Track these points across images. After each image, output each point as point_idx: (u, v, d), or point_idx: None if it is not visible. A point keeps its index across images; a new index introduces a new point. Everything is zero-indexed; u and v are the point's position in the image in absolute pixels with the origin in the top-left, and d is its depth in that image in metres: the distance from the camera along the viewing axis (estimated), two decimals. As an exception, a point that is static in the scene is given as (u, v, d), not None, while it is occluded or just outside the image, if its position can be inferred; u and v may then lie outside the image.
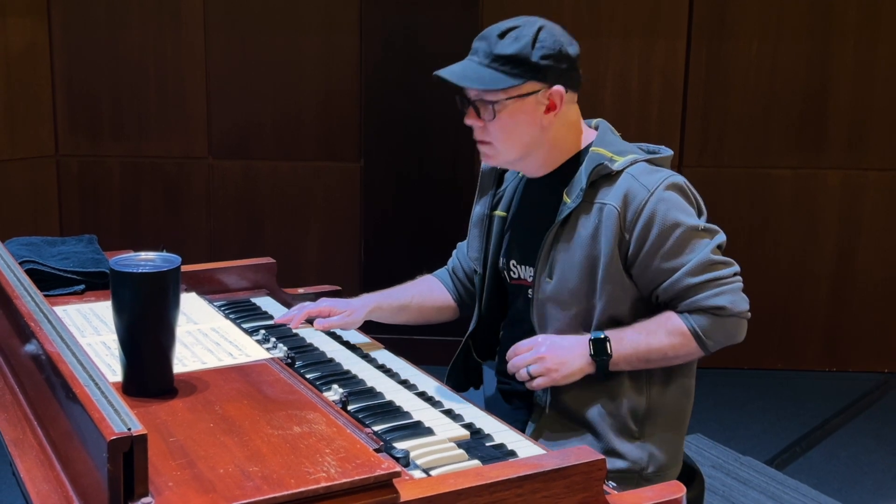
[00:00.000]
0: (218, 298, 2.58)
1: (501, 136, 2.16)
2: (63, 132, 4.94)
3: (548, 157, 2.21)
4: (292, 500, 1.38)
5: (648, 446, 2.15)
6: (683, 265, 2.08)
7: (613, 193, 2.10)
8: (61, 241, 2.65)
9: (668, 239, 2.08)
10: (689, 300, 2.09)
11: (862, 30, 4.71)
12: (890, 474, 3.99)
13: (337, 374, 2.08)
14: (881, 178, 4.83)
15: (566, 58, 2.14)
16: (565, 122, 2.19)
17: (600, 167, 2.11)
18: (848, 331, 4.95)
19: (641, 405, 2.15)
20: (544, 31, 2.12)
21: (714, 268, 2.09)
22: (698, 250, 2.09)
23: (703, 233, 2.10)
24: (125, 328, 1.72)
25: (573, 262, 2.13)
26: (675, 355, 2.11)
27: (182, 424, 1.61)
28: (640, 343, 2.10)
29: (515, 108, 2.13)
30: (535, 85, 2.12)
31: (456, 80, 2.16)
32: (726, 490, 3.77)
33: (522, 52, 2.10)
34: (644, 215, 2.07)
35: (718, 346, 2.12)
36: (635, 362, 2.11)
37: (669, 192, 2.09)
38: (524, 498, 1.54)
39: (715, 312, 2.08)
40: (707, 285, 2.08)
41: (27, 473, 1.60)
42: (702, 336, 2.09)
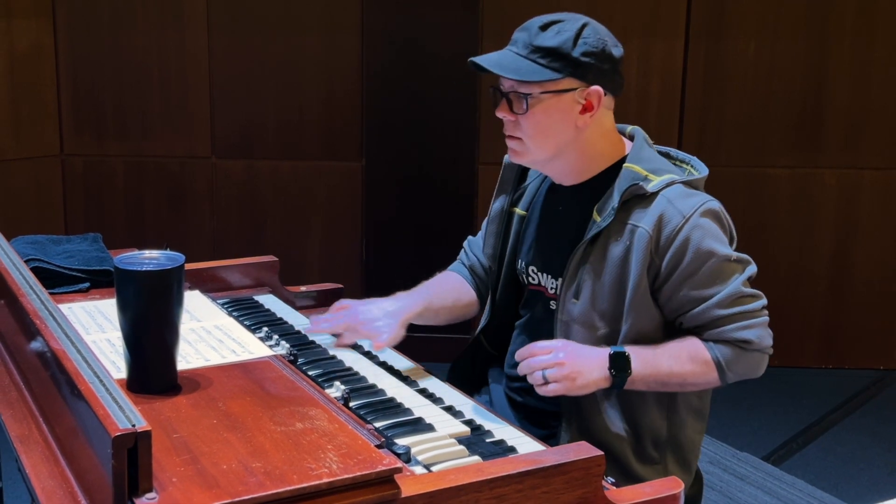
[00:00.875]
0: (221, 296, 2.58)
1: (532, 132, 2.05)
2: (68, 132, 4.94)
3: (578, 162, 2.11)
4: (295, 496, 1.38)
5: (668, 470, 2.11)
6: (713, 296, 2.01)
7: (647, 216, 2.00)
8: (66, 239, 2.65)
9: (700, 268, 2.00)
10: (715, 330, 2.03)
11: (859, 30, 4.71)
12: (886, 470, 3.99)
13: (339, 371, 2.07)
14: (877, 177, 4.83)
15: (609, 58, 2.04)
16: (600, 127, 2.10)
17: (634, 187, 2.01)
18: (845, 328, 4.95)
19: (663, 432, 2.11)
20: (589, 28, 2.03)
21: (743, 301, 2.03)
22: (729, 282, 2.02)
23: (734, 264, 2.03)
24: (129, 326, 1.72)
25: (602, 285, 2.05)
26: (693, 382, 2.05)
27: (185, 421, 1.61)
28: (661, 365, 2.01)
29: (550, 104, 2.03)
30: (574, 82, 2.02)
31: (492, 67, 2.03)
32: (724, 485, 3.77)
33: (564, 46, 2.00)
34: (677, 241, 1.99)
35: (737, 379, 2.07)
36: (652, 383, 2.03)
37: (705, 220, 2.01)
38: (524, 493, 1.54)
39: (740, 346, 2.03)
40: (735, 318, 2.02)
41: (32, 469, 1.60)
42: (724, 367, 2.03)
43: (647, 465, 2.10)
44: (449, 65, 4.72)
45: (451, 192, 4.86)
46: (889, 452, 4.15)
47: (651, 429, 2.10)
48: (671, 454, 2.13)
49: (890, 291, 4.91)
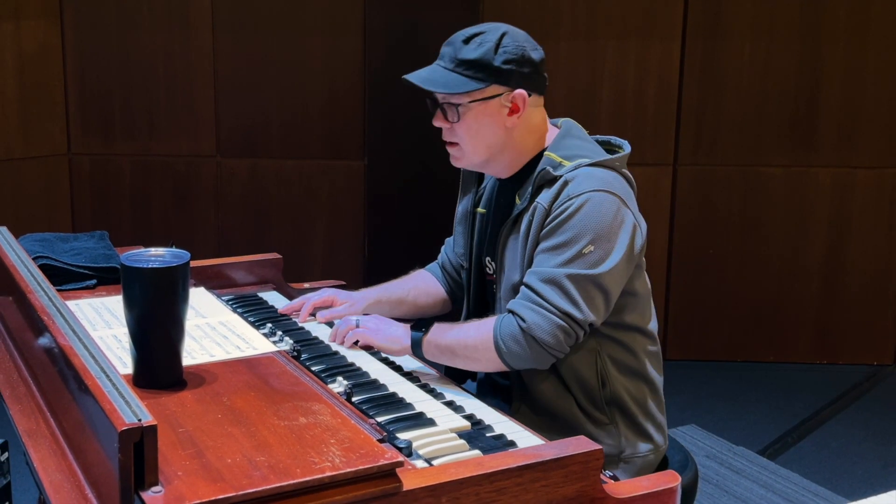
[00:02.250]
0: (226, 293, 2.58)
1: (467, 137, 2.18)
2: (75, 131, 4.94)
3: (512, 159, 2.23)
4: (298, 489, 1.38)
5: (621, 432, 2.17)
6: (542, 266, 2.07)
7: (548, 195, 2.11)
8: (73, 237, 2.65)
9: (553, 238, 2.07)
10: (517, 298, 2.09)
11: (852, 31, 4.70)
12: (879, 464, 3.99)
13: (341, 367, 2.07)
14: (870, 175, 4.82)
15: (529, 62, 2.15)
16: (529, 125, 2.20)
17: (544, 172, 2.13)
18: (838, 324, 4.95)
19: (602, 395, 2.16)
20: (507, 37, 2.15)
21: (554, 288, 2.04)
22: (561, 266, 2.05)
23: (581, 257, 2.05)
24: (136, 322, 1.72)
25: (514, 258, 2.18)
26: (476, 353, 2.10)
27: (191, 415, 1.61)
28: (450, 332, 2.14)
29: (479, 111, 2.15)
30: (498, 88, 2.14)
31: (422, 83, 2.17)
32: (720, 479, 3.77)
33: (485, 57, 2.12)
34: (555, 212, 2.08)
35: (514, 362, 2.08)
36: (444, 350, 2.13)
37: (591, 204, 2.06)
38: (524, 487, 1.54)
39: (518, 323, 2.05)
40: (534, 296, 2.05)
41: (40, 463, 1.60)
42: (498, 337, 2.06)
43: (598, 426, 2.16)
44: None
45: (452, 190, 4.85)
46: (882, 446, 4.15)
47: (584, 387, 2.15)
48: (619, 415, 2.18)
49: (882, 288, 4.91)
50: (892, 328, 4.95)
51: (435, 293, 2.55)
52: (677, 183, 4.86)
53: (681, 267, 4.95)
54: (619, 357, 2.18)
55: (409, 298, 2.52)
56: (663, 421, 2.28)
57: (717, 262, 4.93)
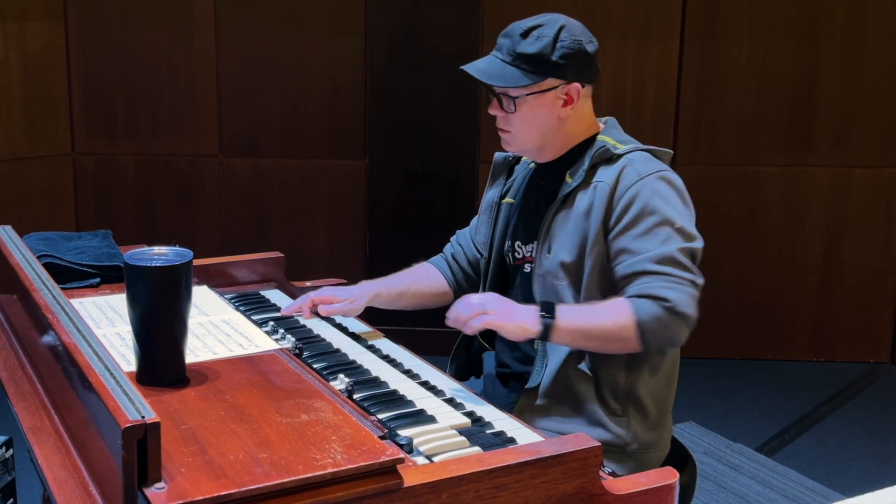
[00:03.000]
0: (228, 291, 2.58)
1: (521, 126, 2.21)
2: (79, 131, 4.94)
3: (560, 145, 2.26)
4: (300, 486, 1.38)
5: (631, 424, 2.16)
6: (648, 251, 2.07)
7: (610, 173, 2.14)
8: (77, 236, 2.65)
9: (642, 221, 2.09)
10: (640, 284, 2.06)
11: (848, 33, 4.70)
12: (875, 460, 3.99)
13: (343, 364, 2.07)
14: (866, 175, 4.82)
15: (584, 55, 2.19)
16: (581, 114, 2.25)
17: (603, 150, 2.17)
18: (835, 322, 4.95)
19: (622, 385, 2.16)
20: (565, 31, 2.18)
21: (675, 265, 2.06)
22: (667, 244, 2.07)
23: (677, 231, 2.09)
24: (139, 320, 1.72)
25: (566, 236, 2.17)
26: (614, 339, 2.06)
27: (194, 412, 1.61)
28: (585, 317, 2.07)
29: (535, 103, 2.19)
30: (555, 81, 2.18)
31: (481, 77, 2.19)
32: (717, 476, 3.77)
33: (543, 52, 2.15)
34: (629, 194, 2.10)
35: (656, 343, 2.06)
36: (578, 336, 2.07)
37: (660, 183, 2.12)
38: (523, 483, 1.54)
39: (660, 303, 2.03)
40: (661, 275, 2.05)
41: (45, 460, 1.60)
42: (642, 325, 2.03)
43: (610, 415, 2.16)
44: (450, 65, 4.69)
45: (453, 189, 4.86)
46: (878, 443, 4.14)
47: (611, 380, 2.15)
48: (633, 409, 2.17)
49: (879, 286, 4.91)
50: (888, 326, 4.95)
51: (437, 286, 2.55)
52: (676, 182, 4.85)
53: (679, 265, 4.94)
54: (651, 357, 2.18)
55: (411, 291, 2.52)
56: (670, 422, 2.28)
57: (714, 260, 4.92)
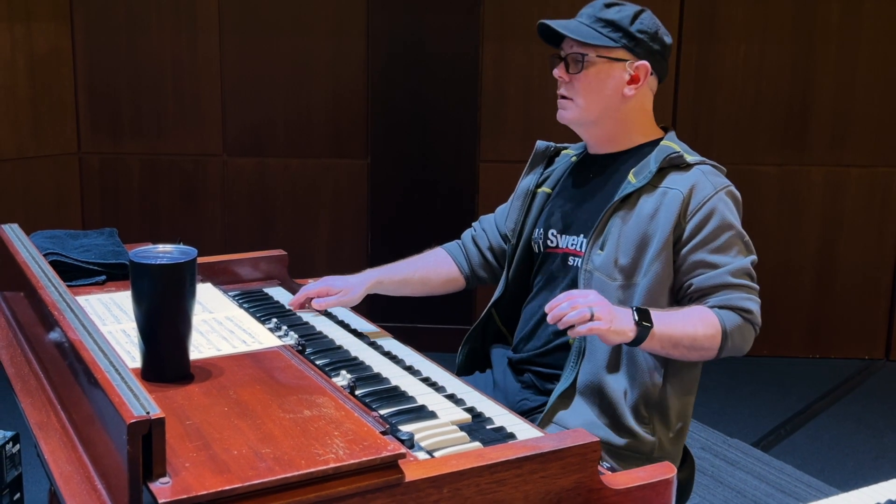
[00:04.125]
0: (232, 288, 2.57)
1: (584, 91, 2.19)
2: (85, 131, 4.94)
3: (616, 131, 2.24)
4: (303, 481, 1.38)
5: (657, 431, 2.15)
6: (727, 264, 2.10)
7: (682, 181, 2.13)
8: (83, 234, 2.64)
9: (720, 236, 2.11)
10: (723, 296, 2.09)
11: (844, 33, 4.70)
12: (870, 455, 3.99)
13: (345, 361, 2.07)
14: (862, 174, 4.82)
15: (660, 41, 2.20)
16: (642, 102, 2.25)
17: (675, 156, 2.16)
18: (830, 319, 4.95)
19: (654, 395, 2.14)
20: (646, 13, 2.20)
21: (749, 278, 2.13)
22: (741, 258, 2.12)
23: (745, 245, 2.15)
24: (144, 317, 1.71)
25: (626, 237, 2.13)
26: (700, 346, 2.05)
27: (198, 408, 1.61)
28: (676, 324, 2.03)
29: (602, 69, 2.17)
30: (626, 54, 2.17)
31: (558, 27, 2.19)
32: (715, 470, 3.77)
33: (623, 21, 2.16)
34: (705, 208, 2.10)
35: (732, 351, 2.10)
36: (667, 343, 2.02)
37: (730, 199, 2.16)
38: (523, 478, 1.54)
39: (743, 314, 2.09)
40: (742, 288, 2.10)
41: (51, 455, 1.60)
42: (727, 332, 2.06)
43: (639, 422, 2.14)
44: (451, 66, 4.72)
45: (453, 189, 4.86)
46: (873, 439, 4.14)
47: (645, 389, 2.14)
48: (658, 417, 2.17)
49: (873, 284, 4.91)
50: (883, 323, 4.94)
51: (446, 272, 2.51)
52: (673, 181, 4.85)
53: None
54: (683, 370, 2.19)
55: (416, 277, 2.49)
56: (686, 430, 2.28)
57: (712, 258, 4.92)
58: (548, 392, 2.22)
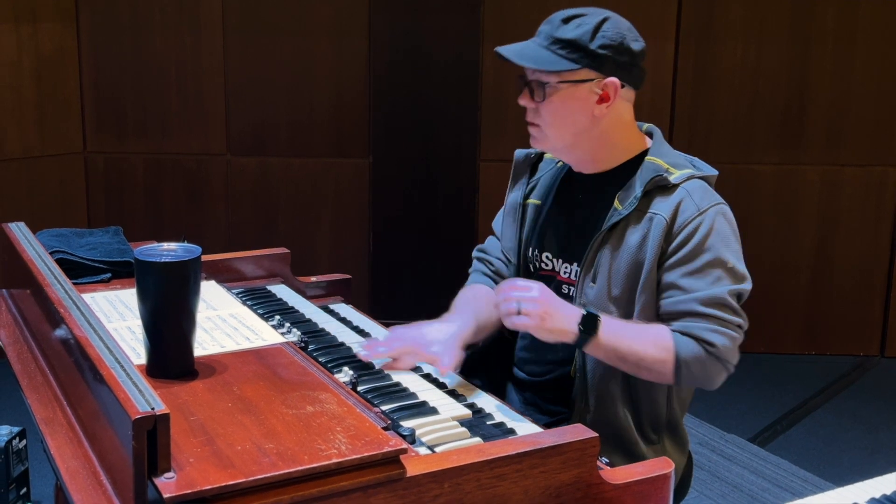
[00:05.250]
0: (236, 286, 2.57)
1: (551, 119, 2.03)
2: (90, 130, 4.94)
3: (597, 152, 2.09)
4: (306, 476, 1.38)
5: (667, 450, 2.12)
6: (698, 290, 1.96)
7: (666, 205, 1.99)
8: (89, 232, 2.64)
9: (697, 258, 1.97)
10: (687, 323, 1.97)
11: (840, 34, 4.70)
12: (865, 451, 3.99)
13: (347, 357, 2.07)
14: (857, 173, 4.82)
15: (627, 51, 2.01)
16: (618, 118, 2.07)
17: (658, 178, 2.01)
18: (826, 317, 4.95)
19: (663, 417, 2.10)
20: (609, 23, 2.00)
21: (723, 309, 1.96)
22: (718, 285, 1.96)
23: (729, 271, 1.98)
24: (149, 314, 1.71)
25: (617, 269, 2.03)
26: (648, 367, 1.97)
27: (202, 404, 1.61)
28: (624, 338, 1.95)
29: (568, 94, 2.01)
30: (591, 73, 2.00)
31: (512, 57, 2.02)
32: (712, 465, 3.77)
33: (582, 39, 1.98)
34: (688, 229, 1.98)
35: (691, 381, 1.99)
36: (611, 353, 1.96)
37: (719, 219, 2.00)
38: (523, 473, 1.54)
39: (704, 346, 1.95)
40: (709, 319, 1.95)
41: (57, 450, 1.60)
42: (681, 361, 1.95)
43: (648, 444, 2.10)
44: (452, 67, 4.72)
45: (454, 188, 4.86)
46: (868, 434, 4.14)
47: (652, 415, 2.09)
48: (668, 435, 2.13)
49: (869, 282, 4.90)
50: (878, 320, 4.94)
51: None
52: (671, 180, 4.85)
53: (674, 261, 4.94)
54: None
55: (496, 320, 2.13)
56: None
57: (709, 256, 4.92)
58: (550, 413, 2.16)
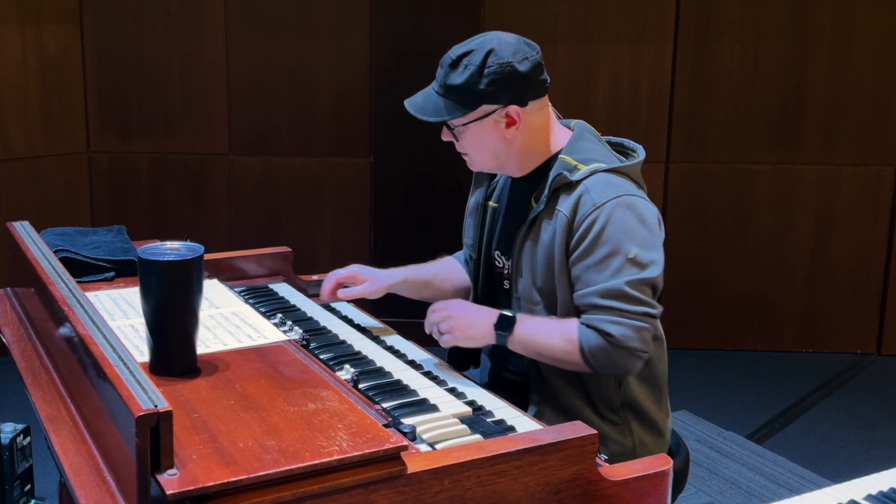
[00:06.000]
0: (238, 285, 2.57)
1: (471, 150, 2.18)
2: (94, 130, 4.94)
3: (523, 161, 2.19)
4: (307, 472, 1.38)
5: (633, 430, 2.15)
6: (597, 283, 2.01)
7: (568, 203, 2.06)
8: (93, 231, 2.64)
9: (594, 252, 2.02)
10: (587, 316, 2.03)
11: (836, 35, 4.70)
12: (862, 448, 3.99)
13: (349, 355, 2.07)
14: (854, 173, 4.82)
15: (515, 76, 2.07)
16: (531, 130, 2.14)
17: (560, 177, 2.08)
18: (823, 315, 4.95)
19: (615, 398, 2.14)
20: (492, 56, 2.06)
21: (623, 299, 2.00)
22: (617, 277, 2.00)
23: (630, 262, 2.01)
24: (152, 312, 1.71)
25: (538, 263, 2.12)
26: (561, 359, 2.06)
27: (205, 402, 1.61)
28: (537, 335, 2.07)
29: (476, 129, 2.13)
30: (489, 107, 2.09)
31: (416, 113, 2.16)
32: (710, 462, 3.77)
33: (470, 82, 2.07)
34: (584, 225, 2.03)
35: (605, 369, 2.05)
36: (530, 351, 2.10)
37: (617, 210, 2.03)
38: (523, 470, 1.54)
39: (605, 337, 2.00)
40: (608, 311, 2.00)
41: (61, 447, 1.60)
42: (586, 352, 2.02)
43: (609, 424, 2.14)
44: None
45: (454, 187, 4.85)
46: (865, 431, 4.14)
47: (603, 396, 2.14)
48: (632, 415, 2.16)
49: (865, 280, 4.90)
50: (874, 318, 4.94)
51: (460, 280, 2.48)
52: (669, 180, 4.85)
53: (673, 260, 4.92)
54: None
55: (436, 282, 2.45)
56: (667, 415, 2.26)
57: (707, 255, 4.93)
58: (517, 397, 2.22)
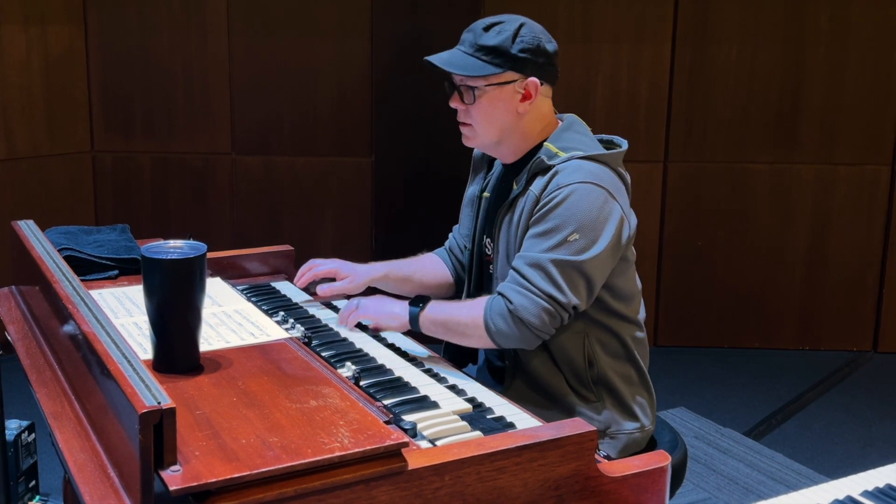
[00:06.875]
0: (241, 283, 2.57)
1: (480, 118, 2.19)
2: (98, 130, 4.94)
3: (519, 144, 2.24)
4: (309, 469, 1.38)
5: (608, 408, 2.18)
6: (530, 251, 2.08)
7: (541, 183, 2.12)
8: (96, 230, 2.64)
9: (542, 224, 2.08)
10: (506, 281, 2.11)
11: (833, 35, 4.69)
12: (858, 444, 3.99)
13: (350, 353, 2.07)
14: (851, 172, 4.81)
15: (543, 53, 2.16)
16: (538, 112, 2.21)
17: (539, 161, 2.14)
18: (820, 312, 4.95)
19: (586, 373, 2.17)
20: (525, 28, 2.15)
21: (538, 272, 2.06)
22: (548, 252, 2.06)
23: (569, 243, 2.06)
24: (155, 310, 1.71)
25: (511, 241, 2.18)
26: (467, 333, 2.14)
27: (207, 399, 1.61)
28: (444, 311, 2.16)
29: (494, 95, 2.16)
30: (513, 75, 2.15)
31: (443, 65, 2.18)
32: (707, 459, 3.77)
33: (503, 45, 2.13)
34: (545, 199, 2.09)
35: (503, 341, 2.10)
36: (440, 328, 2.16)
37: (579, 192, 2.06)
38: (522, 466, 1.54)
39: (506, 302, 2.07)
40: (521, 277, 2.07)
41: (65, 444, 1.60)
42: (488, 317, 2.09)
43: (586, 403, 2.18)
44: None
45: (455, 186, 4.84)
46: (861, 428, 4.14)
47: (572, 366, 2.17)
48: (606, 394, 2.19)
49: (862, 278, 4.90)
50: (871, 316, 4.94)
51: (441, 275, 2.53)
52: (668, 179, 4.85)
53: (671, 258, 4.95)
54: (606, 341, 2.19)
55: (416, 277, 2.50)
56: (649, 402, 2.27)
57: (705, 253, 4.93)
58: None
